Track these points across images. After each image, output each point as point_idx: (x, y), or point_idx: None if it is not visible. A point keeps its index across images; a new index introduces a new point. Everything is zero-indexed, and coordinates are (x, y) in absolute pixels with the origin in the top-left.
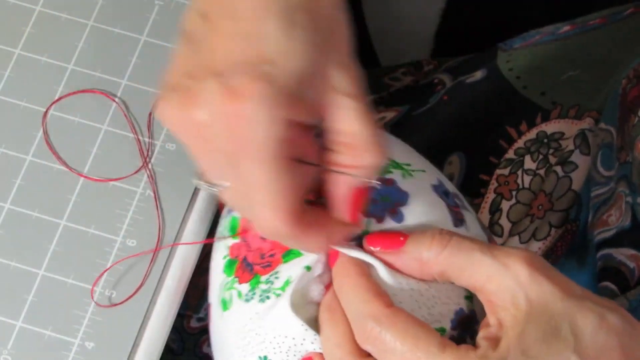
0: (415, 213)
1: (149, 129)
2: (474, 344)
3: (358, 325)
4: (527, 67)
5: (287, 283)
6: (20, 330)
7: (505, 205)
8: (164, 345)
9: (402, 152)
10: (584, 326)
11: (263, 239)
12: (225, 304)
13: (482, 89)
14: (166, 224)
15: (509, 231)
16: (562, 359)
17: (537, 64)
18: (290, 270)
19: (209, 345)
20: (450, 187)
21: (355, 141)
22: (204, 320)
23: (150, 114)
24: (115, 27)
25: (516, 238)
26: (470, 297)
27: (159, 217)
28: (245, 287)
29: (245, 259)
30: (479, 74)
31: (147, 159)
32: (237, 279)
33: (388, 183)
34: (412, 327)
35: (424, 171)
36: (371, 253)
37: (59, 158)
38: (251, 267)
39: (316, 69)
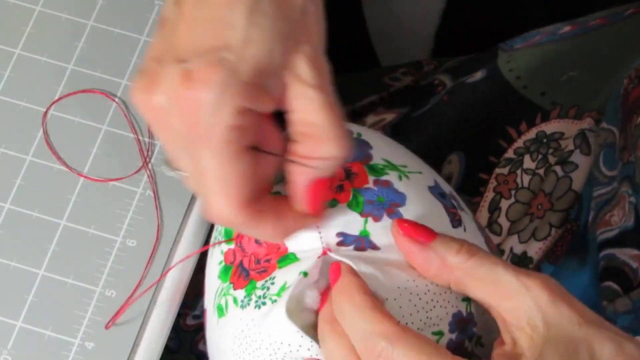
0: (412, 214)
1: (149, 129)
2: (472, 347)
3: (366, 345)
4: (527, 67)
5: (282, 288)
6: (20, 330)
7: (504, 204)
8: (164, 345)
9: (398, 153)
10: (601, 353)
11: (258, 243)
12: (220, 311)
13: (483, 89)
14: (166, 224)
15: (507, 230)
16: None
17: (537, 64)
18: (286, 276)
19: (205, 343)
20: (447, 188)
21: (316, 132)
22: (200, 318)
23: None
24: (115, 27)
25: (515, 237)
26: (468, 299)
27: (158, 217)
28: (240, 293)
29: (241, 263)
30: (479, 75)
31: (147, 159)
32: (232, 285)
33: (384, 184)
34: (425, 346)
35: (420, 173)
36: (397, 237)
37: (59, 158)
38: (247, 272)
39: (279, 59)
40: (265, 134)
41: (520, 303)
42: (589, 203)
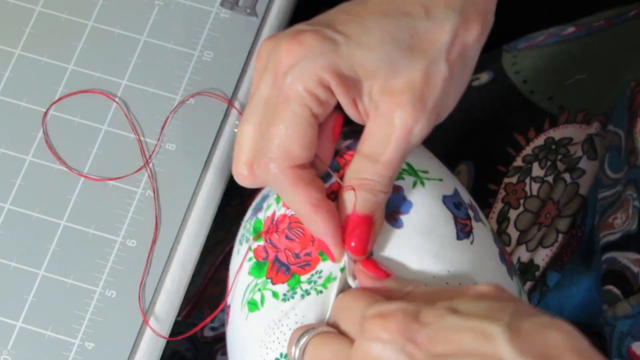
0: (414, 223)
1: (161, 131)
2: None
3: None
4: (533, 70)
5: (328, 279)
6: (20, 330)
7: (512, 214)
8: (164, 345)
9: (422, 158)
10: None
11: (289, 239)
12: (254, 305)
13: (489, 94)
14: (166, 224)
15: (516, 240)
16: None
17: (543, 66)
18: (332, 267)
19: (222, 354)
20: (467, 198)
21: (374, 152)
22: (218, 330)
23: (166, 119)
24: (115, 27)
25: (523, 247)
26: None
27: (156, 217)
28: (282, 287)
29: (277, 258)
30: (484, 77)
31: (148, 159)
32: (269, 280)
33: (394, 190)
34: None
35: (440, 180)
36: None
37: (59, 158)
38: (287, 267)
39: (378, 80)
40: (323, 141)
41: None
42: (595, 207)
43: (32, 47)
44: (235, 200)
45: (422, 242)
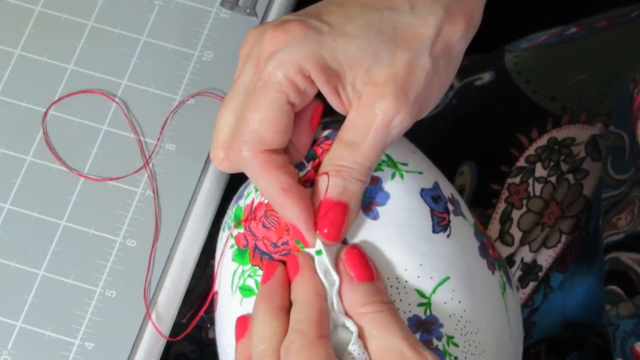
0: (390, 214)
1: (161, 131)
2: (444, 346)
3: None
4: (535, 69)
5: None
6: (20, 330)
7: (515, 214)
8: (164, 345)
9: (404, 150)
10: None
11: (266, 227)
12: (248, 291)
13: (492, 94)
14: (166, 224)
15: (519, 240)
16: None
17: (545, 66)
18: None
19: None
20: (447, 192)
21: (354, 140)
22: None
23: (166, 119)
24: (115, 27)
25: (526, 247)
26: (425, 304)
27: (156, 217)
28: None
29: (256, 247)
30: (487, 77)
31: (147, 159)
32: (257, 267)
33: (372, 181)
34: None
35: (420, 173)
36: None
37: (59, 158)
38: (269, 256)
39: (361, 71)
40: (301, 130)
41: None
42: (599, 208)
43: (32, 47)
44: None
45: (396, 234)
